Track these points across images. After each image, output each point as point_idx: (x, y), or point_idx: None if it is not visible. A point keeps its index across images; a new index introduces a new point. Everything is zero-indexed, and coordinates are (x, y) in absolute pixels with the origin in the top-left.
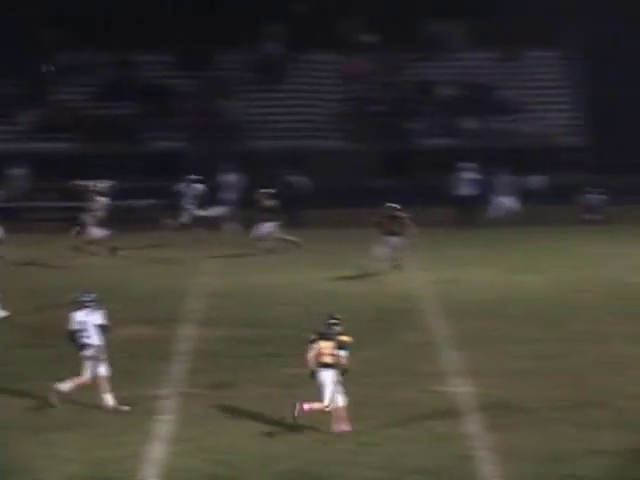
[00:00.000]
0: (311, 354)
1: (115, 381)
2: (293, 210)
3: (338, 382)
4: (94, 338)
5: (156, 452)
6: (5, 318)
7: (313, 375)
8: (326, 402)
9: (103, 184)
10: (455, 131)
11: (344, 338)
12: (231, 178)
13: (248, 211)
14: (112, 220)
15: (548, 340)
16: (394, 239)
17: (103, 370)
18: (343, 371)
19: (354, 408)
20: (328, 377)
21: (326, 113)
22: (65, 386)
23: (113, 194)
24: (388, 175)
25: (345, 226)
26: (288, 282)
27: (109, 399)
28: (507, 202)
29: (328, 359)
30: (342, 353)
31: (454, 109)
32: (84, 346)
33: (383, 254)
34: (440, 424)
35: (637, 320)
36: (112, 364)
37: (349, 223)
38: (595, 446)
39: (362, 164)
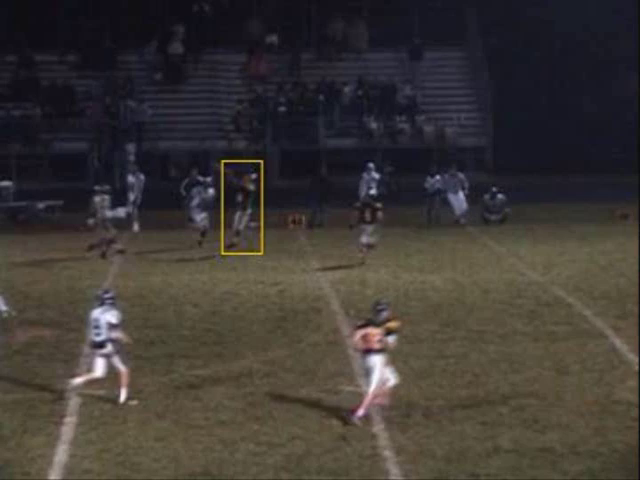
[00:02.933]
0: (359, 341)
1: (18, 383)
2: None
3: (387, 365)
4: (106, 335)
5: (59, 455)
6: None
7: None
8: (372, 387)
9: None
10: (359, 131)
11: (392, 324)
12: (132, 179)
13: (150, 211)
14: (12, 221)
15: (449, 339)
16: (367, 227)
17: (120, 365)
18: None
19: (256, 409)
20: (377, 362)
21: (229, 113)
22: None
23: (13, 195)
24: (292, 175)
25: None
26: (190, 283)
27: (123, 394)
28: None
29: (376, 345)
30: (390, 339)
31: (358, 109)
32: (98, 344)
33: (363, 242)
34: (343, 424)
35: (537, 318)
36: (15, 367)
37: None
38: (497, 445)
39: (265, 164)
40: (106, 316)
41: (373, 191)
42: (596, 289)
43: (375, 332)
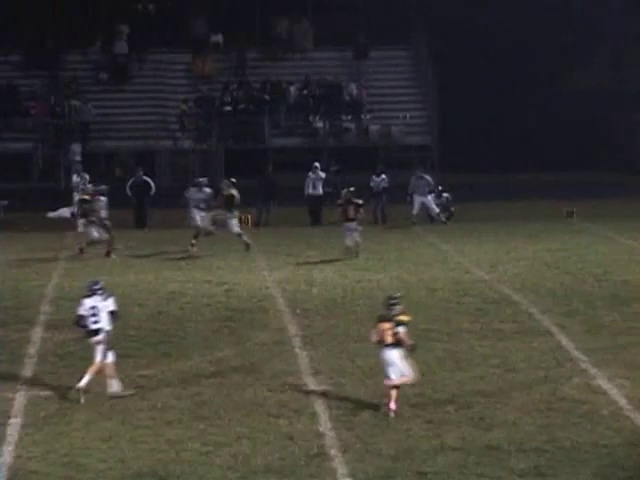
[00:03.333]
0: (374, 336)
1: None
2: (143, 210)
3: (404, 358)
4: (105, 324)
5: (4, 456)
6: None
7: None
8: (393, 377)
9: None
10: (305, 130)
11: (402, 317)
12: (76, 179)
13: None
14: None
15: None
16: (352, 225)
17: (110, 356)
18: (411, 347)
19: (202, 408)
20: (393, 355)
21: (174, 113)
22: (85, 381)
23: None
24: (238, 175)
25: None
26: (136, 282)
27: (115, 384)
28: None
29: (390, 339)
30: (400, 329)
31: (304, 108)
32: (94, 331)
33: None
34: (290, 423)
35: (483, 316)
36: None
37: None
38: (444, 442)
39: (210, 164)
40: (107, 304)
41: (319, 190)
42: (542, 287)
43: (387, 326)
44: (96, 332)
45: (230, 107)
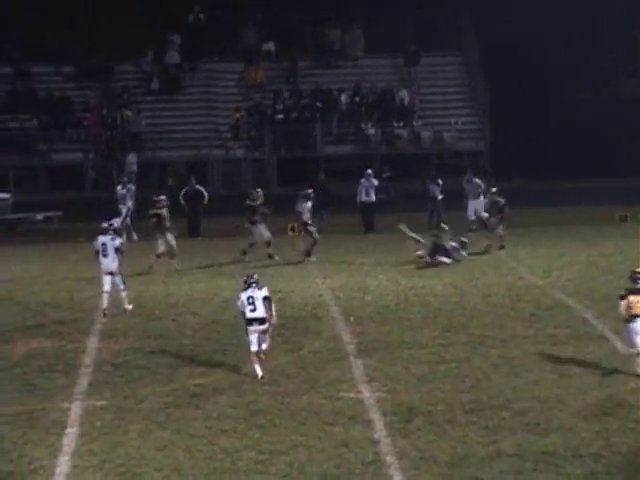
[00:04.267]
0: (622, 308)
1: (18, 395)
2: (196, 219)
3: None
4: (262, 312)
5: (61, 466)
6: None
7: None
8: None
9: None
10: (357, 137)
11: None
12: (122, 190)
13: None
14: (11, 233)
15: (450, 344)
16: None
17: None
18: None
19: (257, 417)
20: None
21: (226, 122)
22: (260, 371)
23: (11, 207)
24: (290, 183)
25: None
26: (190, 291)
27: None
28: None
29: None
30: None
31: (355, 115)
32: (254, 320)
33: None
34: (346, 430)
35: (537, 322)
36: (15, 378)
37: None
38: (499, 449)
39: (264, 172)
40: (262, 293)
41: (372, 197)
42: (596, 292)
43: (636, 299)
44: (257, 320)
45: (282, 115)
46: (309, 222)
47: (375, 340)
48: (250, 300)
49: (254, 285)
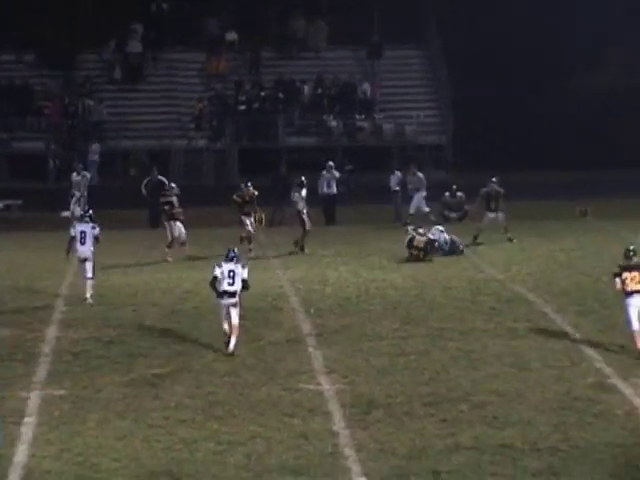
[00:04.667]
0: (617, 285)
1: None
2: (157, 210)
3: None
4: (238, 288)
5: (19, 455)
6: None
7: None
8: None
9: None
10: (319, 129)
11: None
12: (77, 177)
13: (110, 211)
14: None
15: (409, 336)
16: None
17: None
18: None
19: (216, 407)
20: (636, 302)
21: (188, 112)
22: (232, 344)
23: None
24: (251, 174)
25: (209, 225)
26: (150, 282)
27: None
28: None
29: (636, 286)
30: None
31: (318, 107)
32: (227, 293)
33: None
34: (305, 422)
35: (497, 315)
36: None
37: (212, 222)
38: (458, 441)
39: (225, 163)
40: (243, 272)
41: (334, 189)
42: (555, 286)
43: (631, 275)
44: (230, 294)
45: (244, 106)
46: (303, 211)
47: (335, 332)
48: (231, 274)
49: (235, 259)
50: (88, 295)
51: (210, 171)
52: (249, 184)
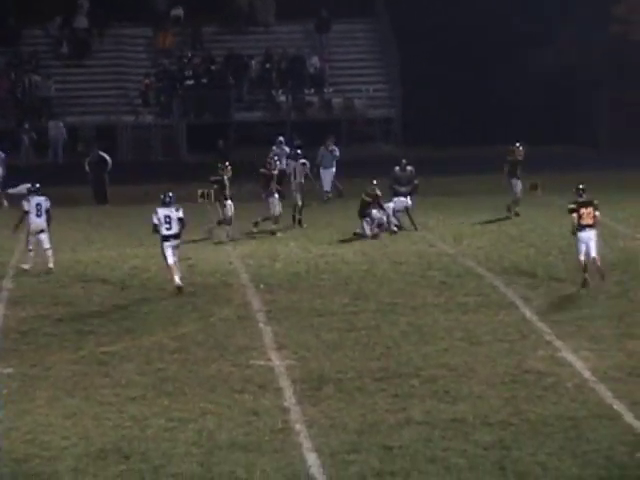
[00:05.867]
0: (574, 221)
1: None
2: (101, 186)
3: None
4: (177, 230)
5: None
6: None
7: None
8: (593, 253)
9: None
10: (268, 104)
11: (596, 202)
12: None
13: (57, 188)
14: None
15: (360, 311)
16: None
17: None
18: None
19: (166, 384)
20: (592, 234)
21: (135, 87)
22: (178, 279)
23: None
24: (200, 149)
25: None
26: (99, 259)
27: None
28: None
29: (590, 220)
30: (597, 213)
31: (266, 82)
32: (167, 237)
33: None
34: (255, 398)
35: (447, 290)
36: None
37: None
38: (409, 416)
39: (173, 139)
40: (178, 214)
41: (284, 164)
42: (506, 260)
43: (588, 210)
44: (173, 236)
45: (192, 81)
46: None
47: (285, 307)
48: (167, 219)
49: (170, 204)
50: (51, 265)
51: (158, 147)
52: (227, 164)
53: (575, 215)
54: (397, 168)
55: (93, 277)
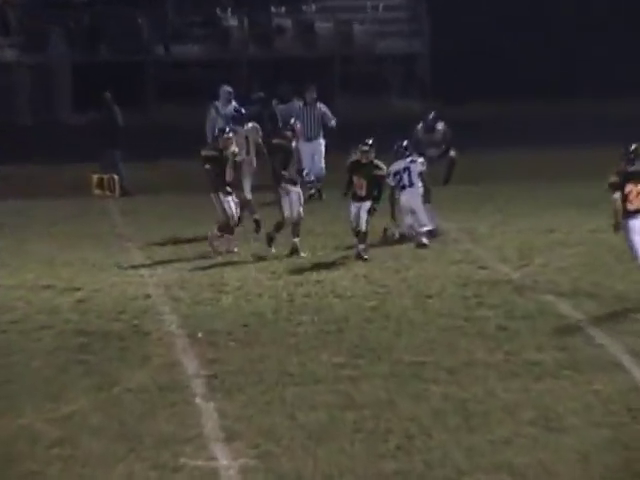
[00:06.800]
0: (617, 202)
1: None
2: None
3: None
4: None
5: None
6: None
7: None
8: None
9: None
10: (208, 31)
11: None
12: None
13: None
14: None
15: (363, 377)
16: None
17: None
18: None
19: None
20: None
21: None
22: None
23: None
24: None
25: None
26: None
27: None
28: None
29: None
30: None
31: None
32: None
33: None
34: None
35: (509, 341)
36: None
37: (33, 189)
38: None
39: (50, 88)
40: None
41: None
42: (606, 290)
43: (638, 188)
44: None
45: None
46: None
47: (238, 371)
48: None
49: None
50: None
51: (24, 101)
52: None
53: (618, 195)
54: (420, 126)
55: None
